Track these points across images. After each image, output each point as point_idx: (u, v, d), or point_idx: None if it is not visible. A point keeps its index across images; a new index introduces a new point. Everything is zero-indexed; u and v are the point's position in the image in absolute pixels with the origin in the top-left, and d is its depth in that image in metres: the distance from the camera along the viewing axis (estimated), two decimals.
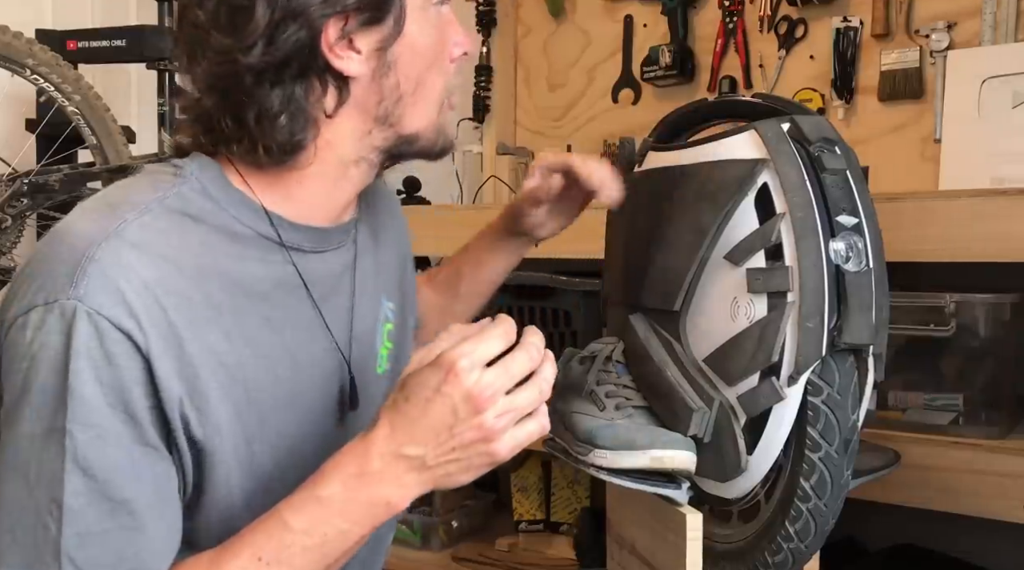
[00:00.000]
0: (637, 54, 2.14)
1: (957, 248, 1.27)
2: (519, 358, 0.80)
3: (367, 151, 0.90)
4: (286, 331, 0.88)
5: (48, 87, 1.80)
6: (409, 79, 0.88)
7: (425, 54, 0.89)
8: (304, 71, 0.83)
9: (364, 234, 1.00)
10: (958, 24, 1.75)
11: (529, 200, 1.14)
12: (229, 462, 0.83)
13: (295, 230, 0.88)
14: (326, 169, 0.88)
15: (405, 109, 0.88)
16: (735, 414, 0.99)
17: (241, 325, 0.83)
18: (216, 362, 0.81)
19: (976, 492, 1.26)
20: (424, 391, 0.79)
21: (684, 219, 1.06)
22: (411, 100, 0.88)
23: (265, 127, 0.83)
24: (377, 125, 0.88)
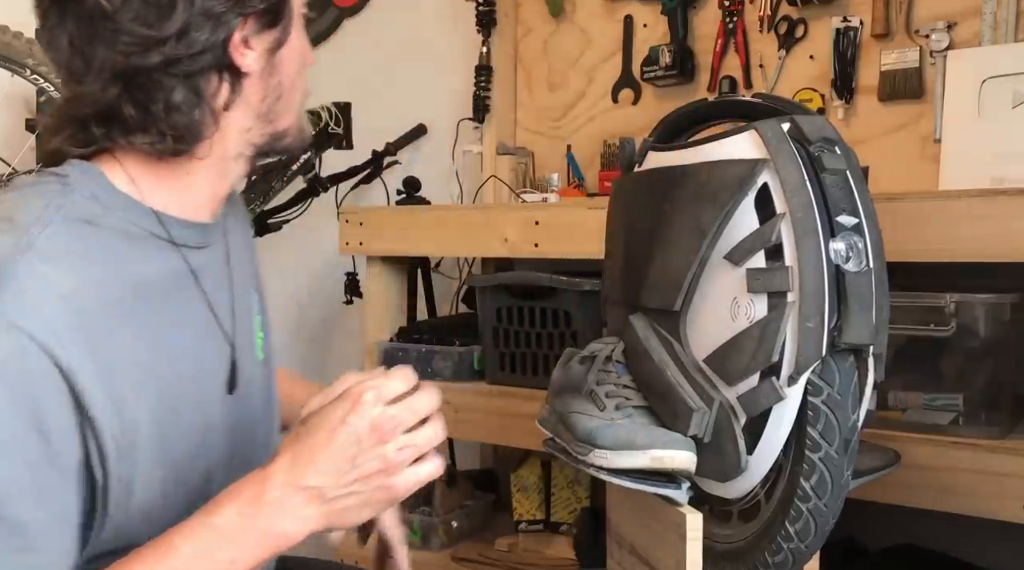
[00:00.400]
0: (637, 54, 2.14)
1: (957, 248, 1.27)
2: (422, 398, 0.84)
3: (246, 147, 0.95)
4: (186, 326, 0.91)
5: (48, 87, 1.80)
6: (288, 79, 0.95)
7: (297, 58, 0.96)
8: (211, 66, 0.88)
9: (228, 229, 1.04)
10: (958, 24, 1.75)
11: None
12: (149, 458, 0.84)
13: (183, 227, 0.92)
14: (213, 163, 0.92)
15: (281, 107, 0.95)
16: (735, 414, 0.99)
17: (148, 325, 0.85)
18: (130, 363, 0.82)
19: (976, 492, 1.26)
20: (328, 423, 0.81)
21: (684, 219, 1.06)
22: (286, 99, 0.96)
23: (173, 117, 0.86)
24: (258, 121, 0.94)
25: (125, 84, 0.85)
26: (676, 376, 1.05)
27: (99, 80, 0.85)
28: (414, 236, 1.91)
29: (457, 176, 2.39)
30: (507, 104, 2.32)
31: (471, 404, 1.80)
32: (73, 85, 0.87)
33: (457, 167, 2.39)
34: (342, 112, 2.37)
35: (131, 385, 0.82)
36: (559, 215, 1.69)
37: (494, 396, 1.77)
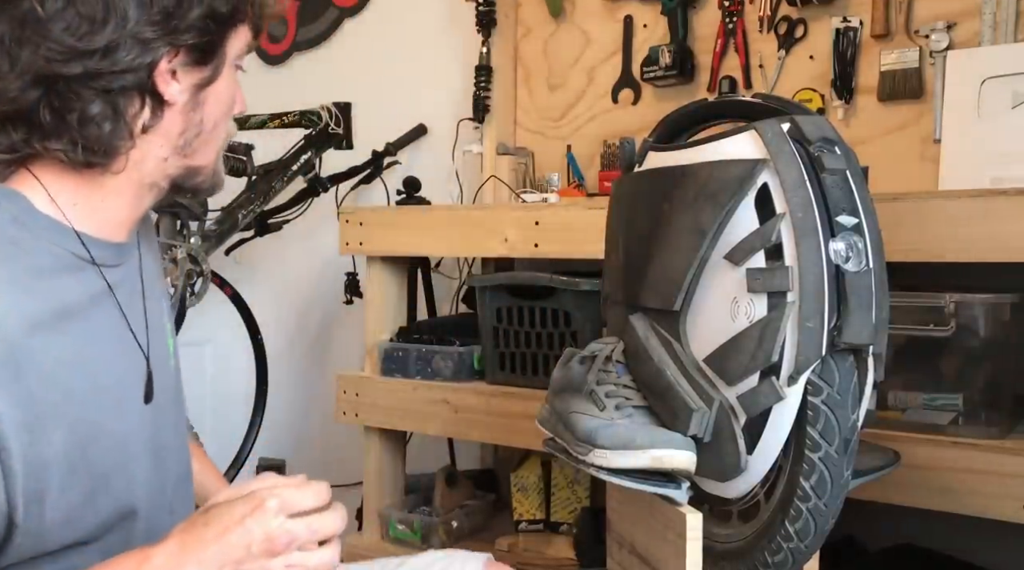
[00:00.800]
0: (637, 54, 2.14)
1: (957, 248, 1.27)
2: (327, 519, 0.82)
3: (161, 177, 0.96)
4: (104, 343, 0.92)
5: None
6: (209, 120, 0.97)
7: (224, 102, 0.98)
8: (133, 87, 0.89)
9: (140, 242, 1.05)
10: (958, 24, 1.75)
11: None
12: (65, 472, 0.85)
13: (102, 247, 0.94)
14: (129, 186, 0.94)
15: (200, 145, 0.97)
16: (735, 414, 0.99)
17: (68, 346, 0.87)
18: (50, 385, 0.83)
19: (976, 492, 1.26)
20: (226, 519, 0.80)
21: (684, 219, 1.06)
22: (206, 138, 0.97)
23: (87, 128, 0.88)
24: (175, 153, 0.96)
25: (45, 89, 0.87)
26: (676, 376, 1.05)
27: (19, 81, 0.86)
28: (414, 236, 1.91)
29: (457, 176, 2.39)
30: (507, 104, 2.32)
31: (471, 404, 1.80)
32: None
33: (457, 167, 2.39)
34: (342, 112, 2.37)
35: (49, 406, 0.83)
36: (559, 215, 1.70)
37: (494, 396, 1.78)
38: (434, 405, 1.85)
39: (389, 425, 1.95)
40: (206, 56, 0.93)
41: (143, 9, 0.87)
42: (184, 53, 0.91)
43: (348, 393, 1.98)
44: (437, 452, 2.29)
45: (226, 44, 0.95)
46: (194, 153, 0.96)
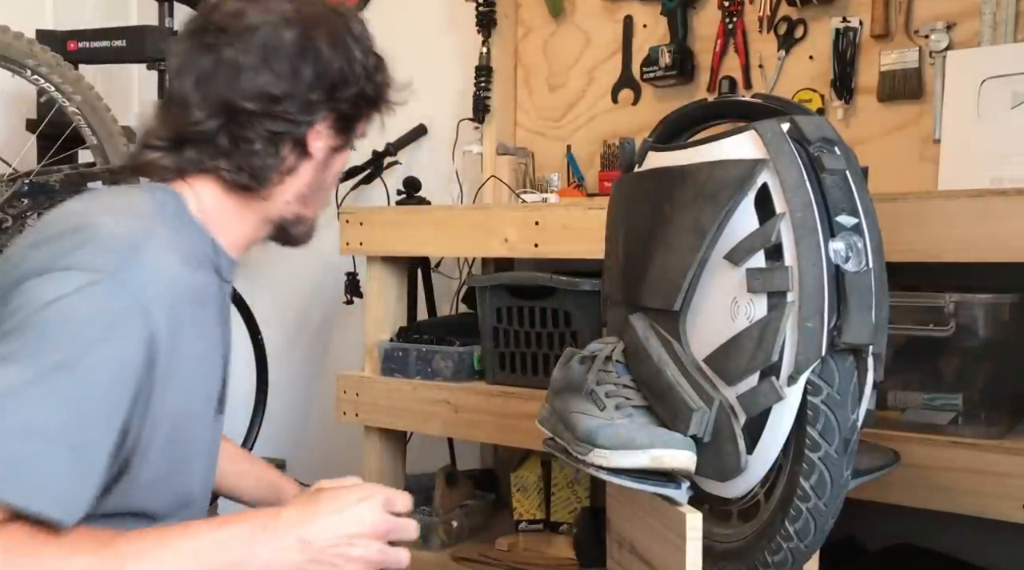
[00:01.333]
0: (637, 54, 2.14)
1: (957, 248, 1.27)
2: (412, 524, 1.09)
3: (279, 217, 1.11)
4: (211, 343, 1.07)
5: (49, 87, 1.80)
6: (330, 179, 1.14)
7: (340, 169, 1.16)
8: (291, 134, 1.06)
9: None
10: (958, 24, 1.75)
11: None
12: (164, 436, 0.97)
13: (225, 258, 1.09)
14: (256, 217, 1.10)
15: (315, 198, 1.14)
16: (735, 414, 0.99)
17: (196, 329, 1.01)
18: (182, 351, 0.97)
19: (976, 492, 1.26)
20: (341, 502, 1.00)
21: (684, 219, 1.06)
22: (322, 194, 1.15)
23: (252, 158, 1.05)
24: (297, 200, 1.11)
25: (227, 119, 1.04)
26: (676, 376, 1.06)
27: (206, 110, 1.03)
28: (414, 236, 1.91)
29: (457, 176, 2.39)
30: (507, 104, 2.32)
31: (471, 404, 1.80)
32: (177, 110, 1.05)
33: (457, 167, 2.39)
34: None
35: (175, 368, 0.96)
36: (559, 215, 1.70)
37: (494, 396, 1.78)
38: (434, 405, 1.85)
39: (389, 425, 1.95)
40: (347, 126, 1.10)
41: (318, 79, 1.05)
42: (334, 118, 1.08)
43: (348, 393, 1.98)
44: (437, 452, 2.29)
45: (362, 121, 1.13)
46: (309, 204, 1.12)
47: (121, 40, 2.00)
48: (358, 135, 1.15)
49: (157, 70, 2.02)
